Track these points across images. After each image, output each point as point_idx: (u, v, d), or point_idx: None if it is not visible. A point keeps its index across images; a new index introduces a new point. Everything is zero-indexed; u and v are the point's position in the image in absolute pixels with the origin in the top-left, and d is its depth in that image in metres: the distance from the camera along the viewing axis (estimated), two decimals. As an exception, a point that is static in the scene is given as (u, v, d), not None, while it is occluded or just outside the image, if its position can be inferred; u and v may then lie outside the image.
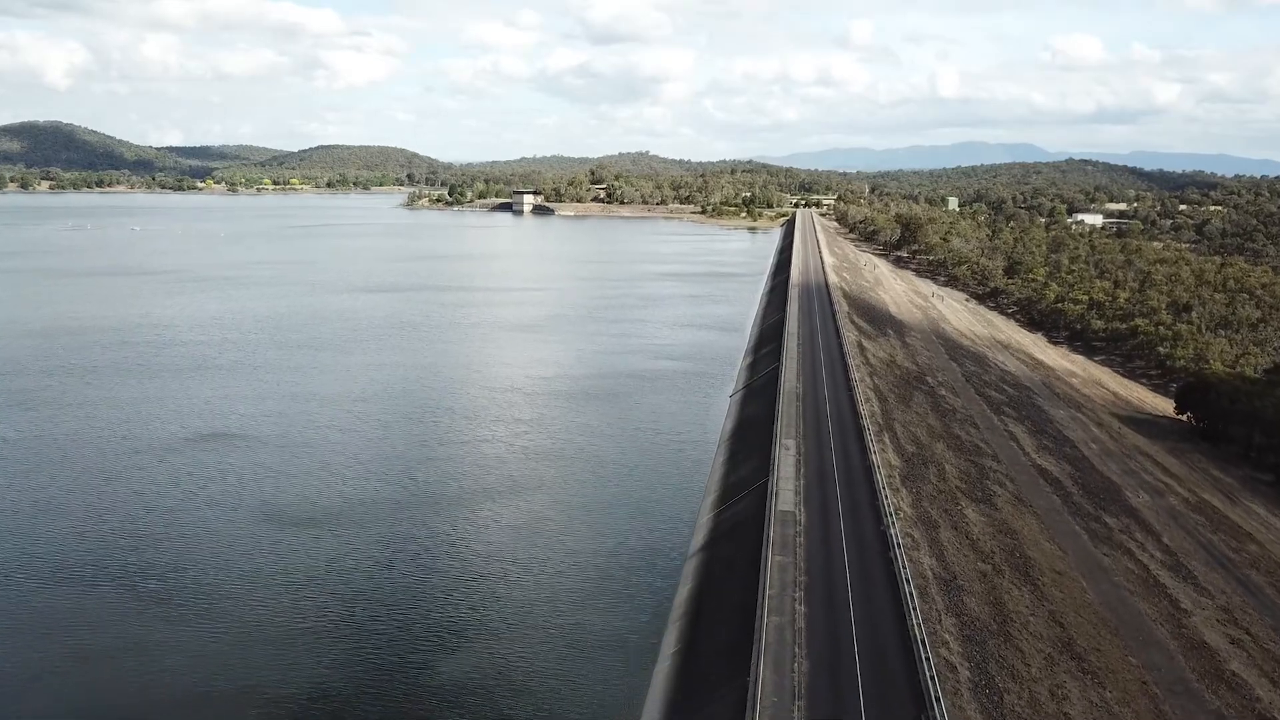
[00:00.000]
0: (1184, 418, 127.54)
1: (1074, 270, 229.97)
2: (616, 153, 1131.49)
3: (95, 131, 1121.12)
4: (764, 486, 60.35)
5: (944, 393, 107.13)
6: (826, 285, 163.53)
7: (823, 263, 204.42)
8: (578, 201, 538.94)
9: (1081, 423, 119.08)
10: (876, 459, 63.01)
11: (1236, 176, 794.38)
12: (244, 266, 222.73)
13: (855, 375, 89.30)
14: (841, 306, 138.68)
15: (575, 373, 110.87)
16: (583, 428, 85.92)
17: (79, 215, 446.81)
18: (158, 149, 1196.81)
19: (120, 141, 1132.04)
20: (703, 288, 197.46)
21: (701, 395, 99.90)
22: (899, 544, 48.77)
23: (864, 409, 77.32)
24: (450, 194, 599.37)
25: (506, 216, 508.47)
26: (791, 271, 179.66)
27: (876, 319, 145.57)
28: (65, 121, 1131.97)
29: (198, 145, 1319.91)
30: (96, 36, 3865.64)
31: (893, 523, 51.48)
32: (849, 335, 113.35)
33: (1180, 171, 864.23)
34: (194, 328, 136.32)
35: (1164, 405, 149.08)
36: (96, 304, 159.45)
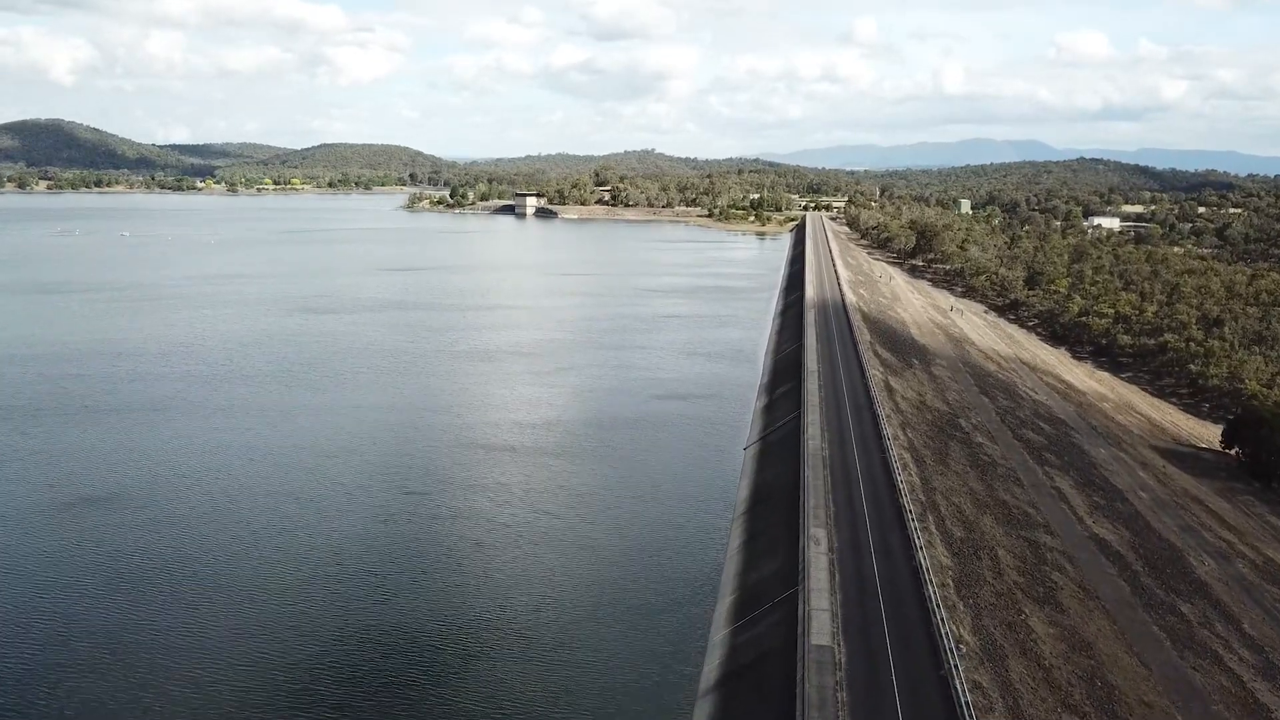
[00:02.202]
0: (1232, 452, 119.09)
1: (1098, 281, 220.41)
2: (622, 150, 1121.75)
3: (96, 130, 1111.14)
4: (793, 600, 50.05)
5: (980, 439, 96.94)
6: (844, 306, 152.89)
7: (838, 277, 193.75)
8: (581, 204, 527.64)
9: (1126, 464, 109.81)
10: (925, 560, 52.53)
11: (1250, 176, 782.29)
12: (226, 280, 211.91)
13: (886, 430, 78.77)
14: (862, 334, 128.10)
15: (569, 417, 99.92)
16: (574, 495, 75.29)
17: (71, 218, 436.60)
18: (159, 147, 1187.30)
19: (121, 139, 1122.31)
20: (710, 306, 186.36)
21: (711, 448, 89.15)
22: (968, 703, 38.38)
23: (901, 480, 66.84)
24: (451, 196, 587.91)
25: (508, 220, 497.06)
26: (806, 288, 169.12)
27: (899, 346, 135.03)
28: (66, 119, 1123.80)
29: (200, 143, 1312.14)
30: (100, 33, 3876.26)
31: (955, 667, 41.00)
32: (874, 373, 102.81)
33: (1193, 171, 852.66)
34: (158, 356, 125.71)
35: (1199, 429, 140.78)
36: (61, 325, 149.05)
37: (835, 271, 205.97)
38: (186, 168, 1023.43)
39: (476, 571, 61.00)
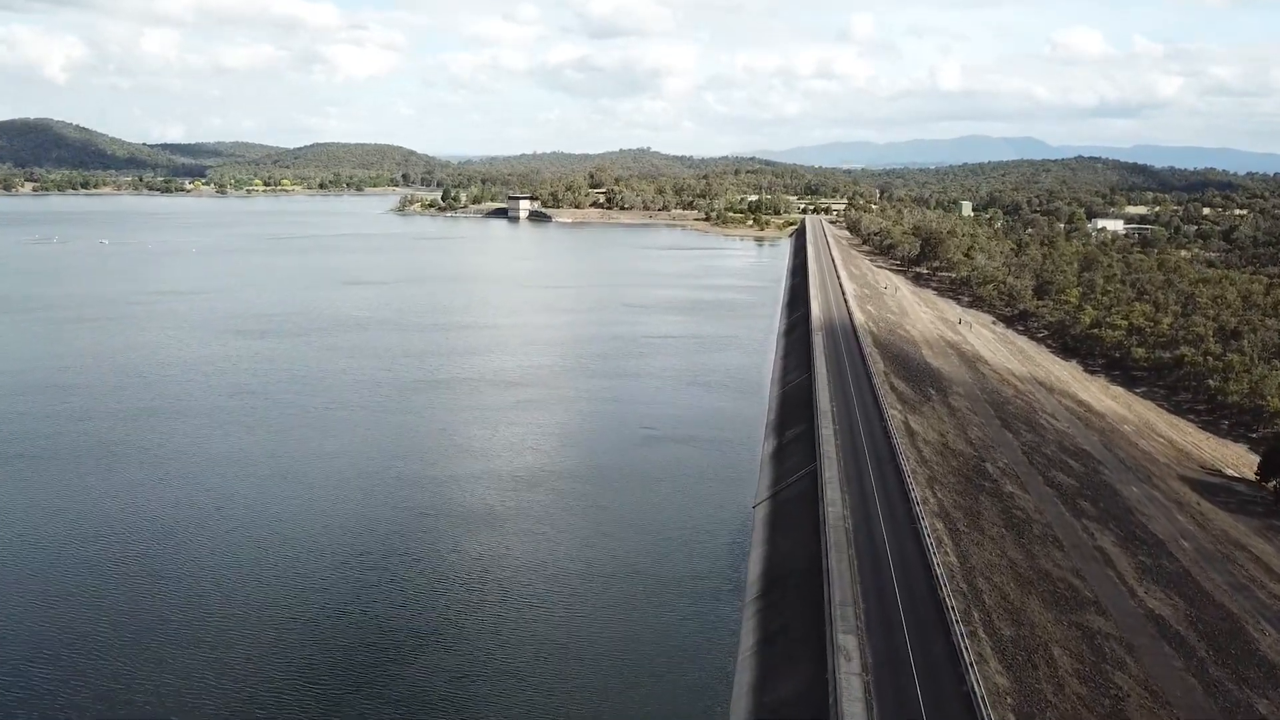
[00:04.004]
0: (1270, 486, 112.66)
1: (1109, 291, 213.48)
2: (617, 149, 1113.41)
3: (83, 129, 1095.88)
4: (823, 743, 41.25)
5: (1010, 488, 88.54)
6: (853, 327, 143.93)
7: (843, 292, 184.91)
8: (576, 207, 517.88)
9: (1160, 505, 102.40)
10: (978, 685, 43.62)
11: (1250, 174, 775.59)
12: (199, 296, 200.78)
13: (914, 491, 69.89)
14: (875, 362, 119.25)
15: (554, 466, 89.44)
16: (559, 575, 65.22)
17: (51, 223, 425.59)
18: (150, 146, 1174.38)
19: (110, 139, 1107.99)
20: (709, 324, 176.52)
21: (715, 505, 79.68)
22: None
23: (937, 561, 57.94)
24: (443, 199, 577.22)
25: (501, 224, 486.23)
26: (811, 305, 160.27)
27: (914, 373, 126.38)
28: (55, 119, 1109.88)
29: (193, 142, 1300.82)
30: (95, 30, 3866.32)
31: None
32: (893, 413, 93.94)
33: (1191, 169, 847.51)
34: (112, 391, 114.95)
35: (1221, 450, 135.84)
36: (10, 352, 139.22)
37: (840, 284, 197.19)
38: (177, 167, 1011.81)
39: (435, 694, 51.62)
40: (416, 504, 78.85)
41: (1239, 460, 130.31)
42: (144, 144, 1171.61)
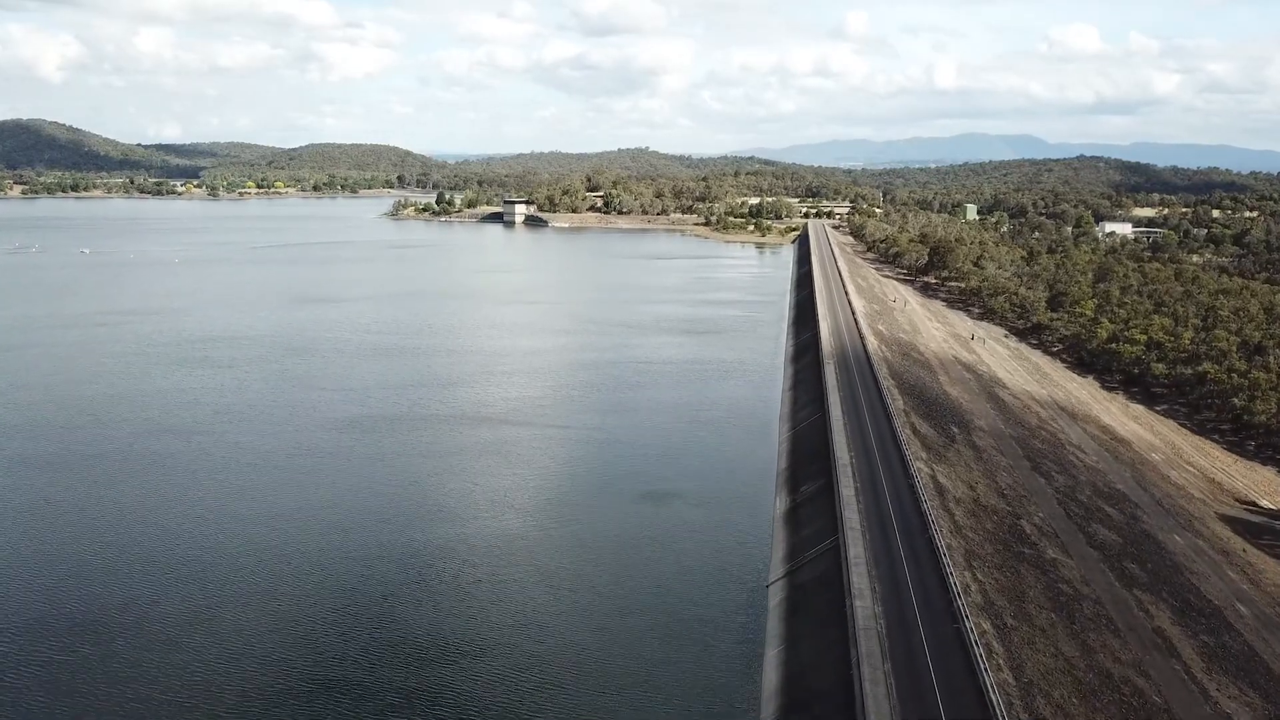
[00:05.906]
0: None
1: (1125, 303, 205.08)
2: (615, 148, 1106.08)
3: (74, 129, 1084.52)
4: None
5: (1052, 553, 79.73)
6: (866, 353, 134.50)
7: (852, 310, 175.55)
8: (573, 211, 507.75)
9: (1208, 558, 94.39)
10: None
11: (1253, 174, 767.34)
12: (171, 314, 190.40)
13: (954, 581, 60.33)
14: (895, 399, 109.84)
15: (537, 533, 78.61)
16: (532, 690, 55.75)
17: (35, 230, 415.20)
18: (145, 147, 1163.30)
19: (103, 139, 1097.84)
20: (711, 347, 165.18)
21: (721, 582, 69.77)
22: None
23: (992, 684, 48.48)
24: (437, 203, 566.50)
25: (496, 229, 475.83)
26: (820, 328, 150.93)
27: (934, 408, 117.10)
28: (47, 119, 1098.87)
29: (188, 143, 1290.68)
30: (89, 29, 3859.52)
31: None
32: (919, 466, 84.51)
33: (1194, 169, 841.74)
34: (62, 431, 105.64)
35: (1251, 475, 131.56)
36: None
37: (849, 301, 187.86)
38: (171, 168, 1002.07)
39: None
40: (378, 584, 69.03)
41: (1271, 487, 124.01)
42: (138, 144, 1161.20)
